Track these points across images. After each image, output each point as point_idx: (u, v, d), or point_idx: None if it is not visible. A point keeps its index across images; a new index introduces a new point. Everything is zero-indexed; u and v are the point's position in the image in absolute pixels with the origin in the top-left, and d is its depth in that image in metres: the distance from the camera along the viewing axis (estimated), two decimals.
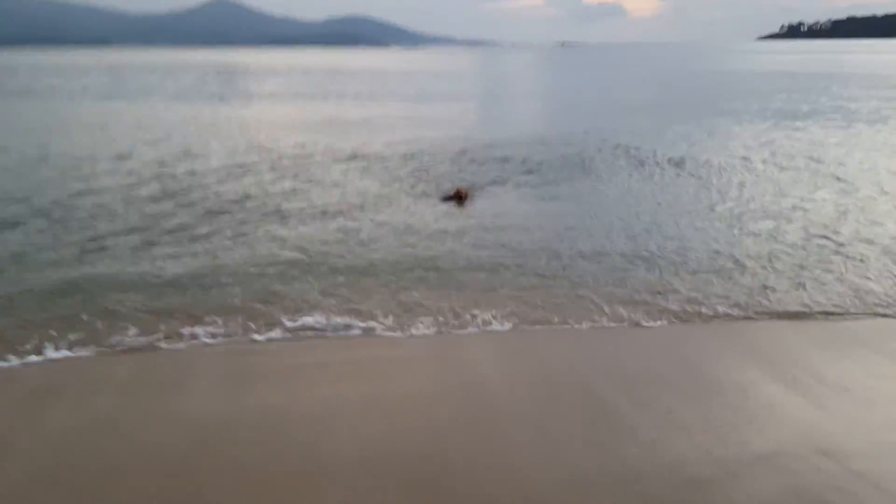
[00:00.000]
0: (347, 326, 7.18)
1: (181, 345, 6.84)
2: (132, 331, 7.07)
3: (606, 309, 7.64)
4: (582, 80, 57.03)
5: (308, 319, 7.33)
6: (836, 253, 9.59)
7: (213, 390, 5.95)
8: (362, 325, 7.22)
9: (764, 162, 16.39)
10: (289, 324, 7.24)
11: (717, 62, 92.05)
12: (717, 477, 4.76)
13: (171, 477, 4.75)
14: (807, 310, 7.69)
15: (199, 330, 7.07)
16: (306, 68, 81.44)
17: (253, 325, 7.22)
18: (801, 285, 8.38)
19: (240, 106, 31.70)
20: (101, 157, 17.04)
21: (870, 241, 10.06)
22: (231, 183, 14.24)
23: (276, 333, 7.08)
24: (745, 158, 16.78)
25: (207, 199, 12.80)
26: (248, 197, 12.99)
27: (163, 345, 6.81)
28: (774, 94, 35.67)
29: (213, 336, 6.97)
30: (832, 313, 7.60)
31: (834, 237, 10.28)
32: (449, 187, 13.42)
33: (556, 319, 7.39)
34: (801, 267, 9.02)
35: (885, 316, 7.61)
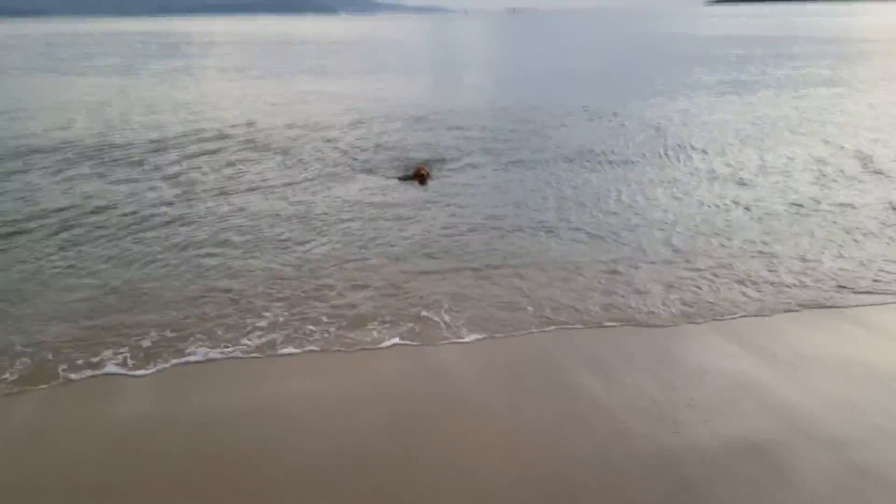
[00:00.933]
0: (297, 335, 6.39)
1: (90, 372, 5.84)
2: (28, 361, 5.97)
3: (578, 306, 6.99)
4: (534, 48, 56.34)
5: (250, 333, 6.44)
6: (815, 227, 9.36)
7: (143, 399, 5.44)
8: (313, 333, 6.43)
9: (739, 125, 16.18)
10: (226, 336, 6.40)
11: (670, 27, 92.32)
12: (705, 471, 4.52)
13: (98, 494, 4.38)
14: (790, 297, 7.19)
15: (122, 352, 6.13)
16: (252, 38, 78.57)
17: (189, 341, 6.28)
18: (787, 269, 8.09)
19: (178, 80, 30.16)
20: (35, 133, 16.01)
21: (845, 208, 9.90)
22: (169, 160, 13.42)
23: (214, 345, 6.24)
24: (713, 122, 16.58)
25: (140, 177, 12.08)
26: (179, 176, 12.26)
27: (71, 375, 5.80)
28: (728, 60, 35.74)
29: (137, 358, 6.00)
30: (824, 305, 7.03)
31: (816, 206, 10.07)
32: (409, 165, 12.82)
33: (528, 318, 6.75)
34: (779, 246, 8.73)
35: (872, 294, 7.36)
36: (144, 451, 4.80)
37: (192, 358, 6.04)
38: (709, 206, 10.22)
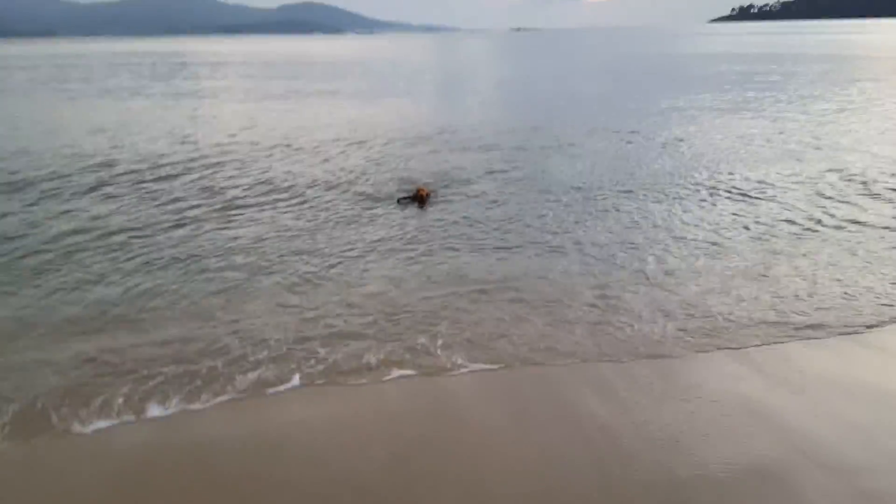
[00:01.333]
0: (295, 367, 6.20)
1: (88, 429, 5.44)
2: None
3: (582, 333, 6.79)
4: (538, 67, 56.61)
5: (251, 369, 6.17)
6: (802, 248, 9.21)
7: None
8: (312, 364, 6.24)
9: (746, 143, 16.12)
10: (224, 371, 6.14)
11: (675, 46, 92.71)
12: (710, 495, 4.45)
13: None
14: (797, 322, 6.99)
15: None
16: (259, 58, 79.24)
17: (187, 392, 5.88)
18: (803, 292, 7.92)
19: (183, 102, 30.35)
20: (40, 153, 16.07)
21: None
22: (168, 183, 13.39)
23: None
24: (720, 141, 16.47)
25: (139, 199, 12.04)
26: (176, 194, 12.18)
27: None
28: (734, 78, 35.76)
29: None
30: (831, 329, 6.81)
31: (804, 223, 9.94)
32: (409, 187, 12.72)
33: (529, 346, 6.55)
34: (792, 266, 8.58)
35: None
36: (142, 488, 4.70)
37: (186, 397, 5.79)
38: (714, 227, 10.09)
